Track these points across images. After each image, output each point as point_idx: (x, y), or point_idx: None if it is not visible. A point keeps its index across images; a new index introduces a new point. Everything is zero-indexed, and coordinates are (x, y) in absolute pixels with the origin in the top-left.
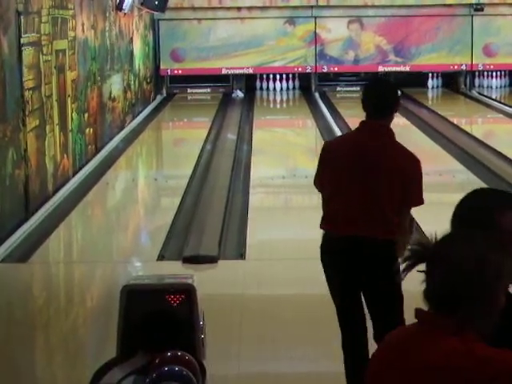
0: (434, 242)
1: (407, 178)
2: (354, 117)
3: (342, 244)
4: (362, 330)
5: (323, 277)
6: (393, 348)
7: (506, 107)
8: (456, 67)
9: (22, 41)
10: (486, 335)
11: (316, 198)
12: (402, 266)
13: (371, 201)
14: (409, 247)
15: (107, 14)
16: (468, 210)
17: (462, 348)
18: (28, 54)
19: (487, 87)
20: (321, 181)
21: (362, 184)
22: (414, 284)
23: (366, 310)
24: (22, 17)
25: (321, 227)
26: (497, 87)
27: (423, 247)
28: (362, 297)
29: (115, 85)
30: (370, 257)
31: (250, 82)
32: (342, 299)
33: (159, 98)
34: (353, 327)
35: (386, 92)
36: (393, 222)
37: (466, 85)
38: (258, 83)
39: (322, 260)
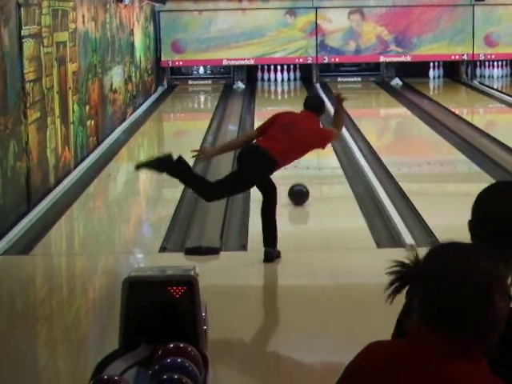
0: (423, 258)
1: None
2: (356, 107)
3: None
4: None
5: (325, 269)
6: (381, 366)
7: (508, 97)
8: (457, 57)
9: (22, 33)
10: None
11: (317, 190)
12: (388, 291)
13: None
14: (392, 270)
15: (108, 6)
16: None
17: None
18: (29, 46)
19: (488, 77)
20: (263, 128)
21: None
22: None
23: None
24: (22, 9)
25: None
26: (498, 77)
27: (407, 267)
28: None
29: (116, 77)
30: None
31: (251, 73)
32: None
33: (160, 89)
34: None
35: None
36: (286, 157)
37: (467, 75)
38: (259, 74)
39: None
